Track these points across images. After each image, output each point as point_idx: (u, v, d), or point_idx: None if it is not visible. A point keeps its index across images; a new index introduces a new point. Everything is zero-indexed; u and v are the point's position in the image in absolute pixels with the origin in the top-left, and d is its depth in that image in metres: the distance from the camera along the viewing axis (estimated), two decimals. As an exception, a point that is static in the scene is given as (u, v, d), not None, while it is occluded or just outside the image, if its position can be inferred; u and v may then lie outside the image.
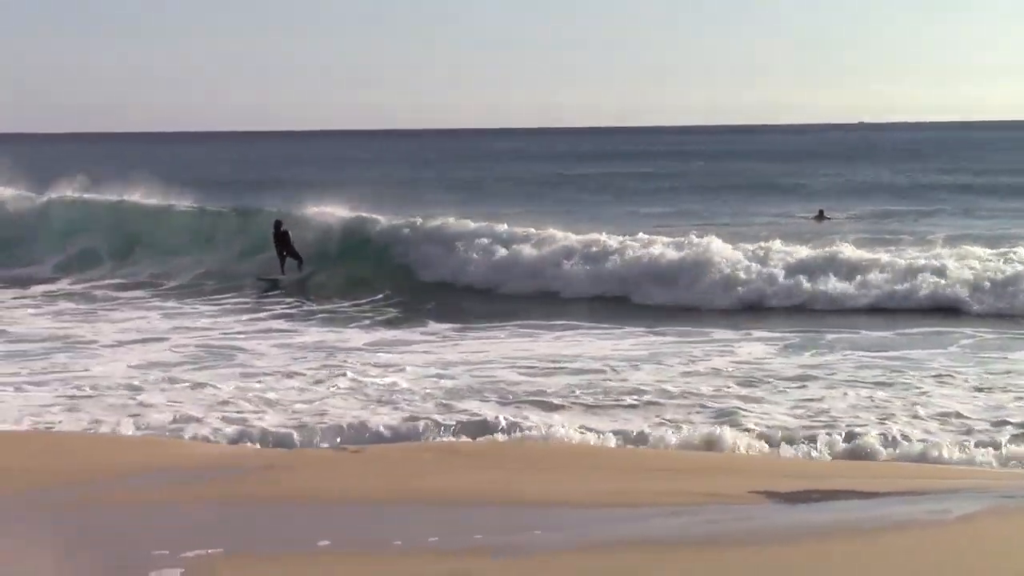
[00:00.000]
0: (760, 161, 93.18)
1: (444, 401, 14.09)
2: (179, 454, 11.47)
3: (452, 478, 10.40)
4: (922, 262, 23.29)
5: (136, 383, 15.07)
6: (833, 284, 22.49)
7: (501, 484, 10.20)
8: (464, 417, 13.29)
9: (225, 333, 19.93)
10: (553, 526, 8.78)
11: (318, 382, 15.34)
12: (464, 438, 12.40)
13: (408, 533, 8.70)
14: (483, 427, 12.83)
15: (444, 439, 12.27)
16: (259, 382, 15.29)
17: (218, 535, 8.61)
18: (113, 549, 8.42)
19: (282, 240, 27.24)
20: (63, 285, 27.00)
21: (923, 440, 12.17)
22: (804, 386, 14.77)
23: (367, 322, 21.38)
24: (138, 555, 8.07)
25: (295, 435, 12.40)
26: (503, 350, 17.92)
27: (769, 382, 15.09)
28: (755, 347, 17.87)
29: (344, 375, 15.48)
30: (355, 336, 19.69)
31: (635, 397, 14.30)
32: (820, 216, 40.70)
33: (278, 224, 27.68)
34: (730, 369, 16.09)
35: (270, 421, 13.11)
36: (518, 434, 12.51)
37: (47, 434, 12.49)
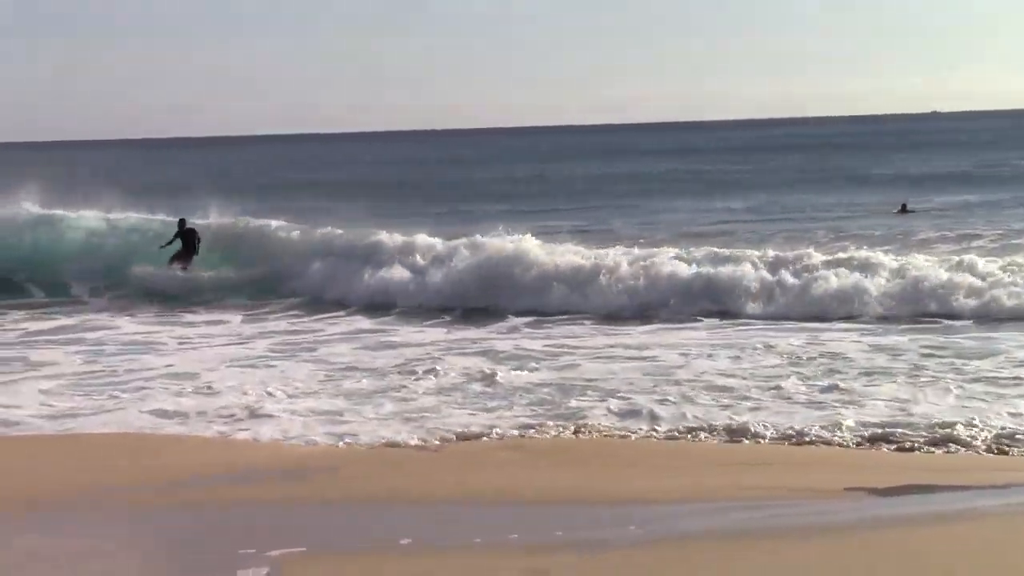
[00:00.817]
0: (831, 152, 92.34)
1: (529, 397, 13.96)
2: (263, 454, 11.57)
3: (530, 475, 10.41)
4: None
5: (217, 384, 15.03)
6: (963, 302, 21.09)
7: (579, 481, 10.20)
8: (552, 412, 13.21)
9: (294, 336, 19.87)
10: (633, 522, 8.77)
11: (402, 377, 15.33)
12: (544, 434, 12.25)
13: (488, 531, 8.72)
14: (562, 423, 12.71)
15: (522, 435, 12.12)
16: (334, 380, 15.19)
17: (301, 534, 8.66)
18: (201, 548, 8.59)
19: (187, 237, 27.63)
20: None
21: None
22: (896, 381, 14.47)
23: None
24: (225, 554, 8.17)
25: (377, 434, 12.30)
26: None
27: (860, 376, 14.79)
28: (845, 343, 17.57)
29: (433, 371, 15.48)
30: (425, 334, 19.63)
31: (716, 390, 14.09)
32: (903, 210, 39.87)
33: (182, 222, 27.98)
34: (816, 362, 15.80)
35: (353, 419, 13.04)
36: (590, 430, 12.37)
37: (134, 436, 12.57)
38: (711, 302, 21.30)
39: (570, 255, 23.86)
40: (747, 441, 11.92)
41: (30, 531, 8.89)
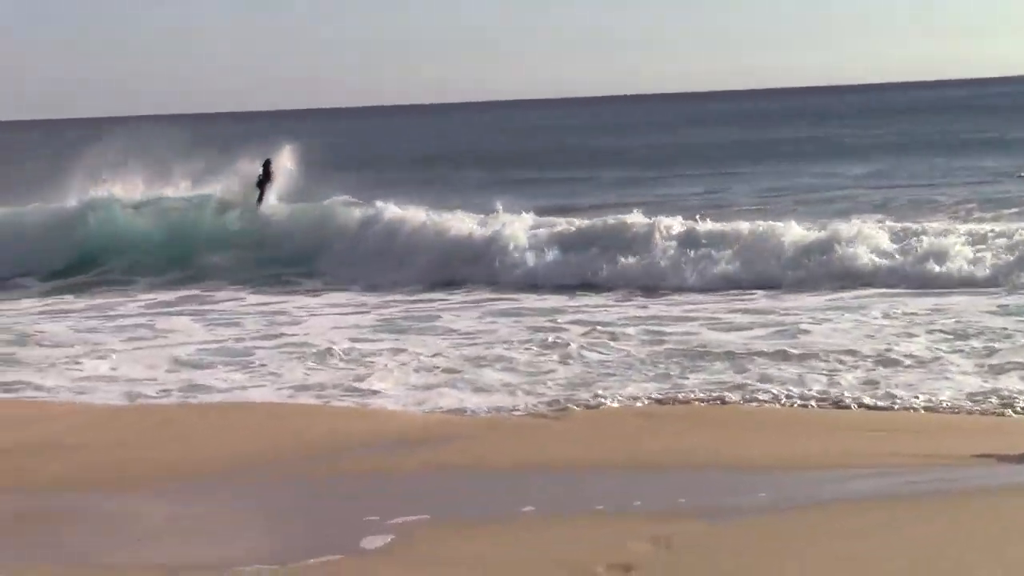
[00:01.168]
0: (946, 117, 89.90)
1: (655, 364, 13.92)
2: (387, 423, 11.61)
3: (653, 442, 10.37)
4: None
5: (342, 354, 15.19)
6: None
7: (706, 448, 10.12)
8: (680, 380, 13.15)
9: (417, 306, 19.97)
10: (760, 489, 8.70)
11: (527, 346, 15.35)
12: (668, 402, 12.20)
13: (611, 498, 8.70)
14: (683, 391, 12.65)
15: (647, 403, 12.07)
16: (458, 349, 15.26)
17: (424, 502, 8.73)
18: (326, 516, 8.66)
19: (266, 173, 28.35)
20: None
21: None
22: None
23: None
24: (350, 522, 8.23)
25: (501, 402, 12.33)
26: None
27: (993, 342, 14.51)
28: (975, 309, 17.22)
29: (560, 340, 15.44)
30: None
31: (844, 355, 13.91)
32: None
33: (268, 163, 28.57)
34: (946, 328, 15.53)
35: (477, 388, 13.11)
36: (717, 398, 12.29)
37: (261, 405, 12.73)
38: (833, 268, 20.96)
39: (677, 225, 23.60)
40: (878, 408, 11.75)
41: (167, 499, 9.07)
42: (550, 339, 15.50)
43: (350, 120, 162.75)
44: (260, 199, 28.25)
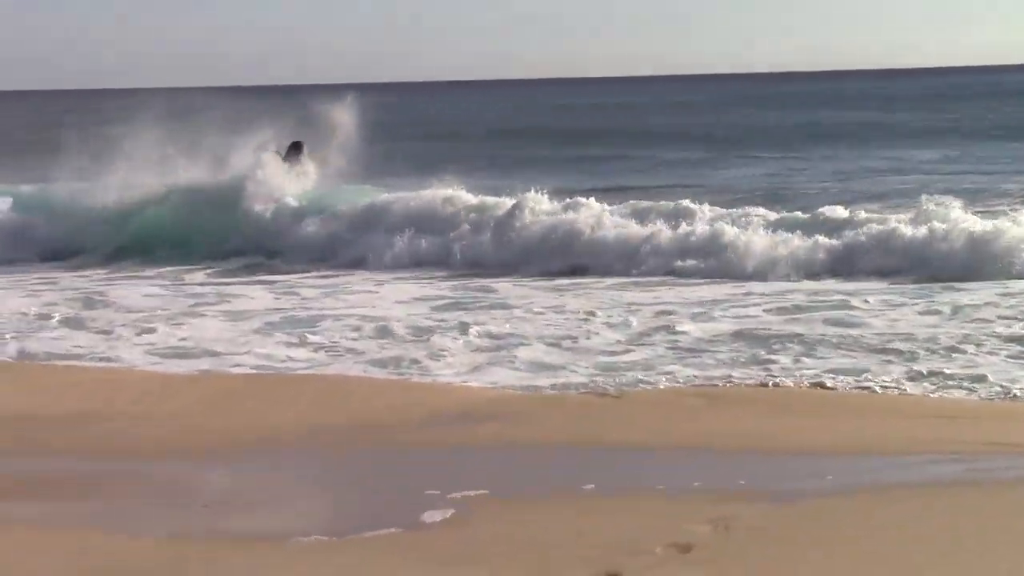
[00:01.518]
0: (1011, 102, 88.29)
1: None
2: (449, 397, 11.68)
3: (712, 423, 10.34)
4: None
5: (406, 327, 15.27)
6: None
7: (768, 431, 10.08)
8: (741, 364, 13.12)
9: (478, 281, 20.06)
10: (823, 472, 8.67)
11: (587, 324, 15.38)
12: (731, 383, 12.19)
13: (671, 478, 8.71)
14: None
15: (709, 384, 12.07)
16: (522, 325, 15.28)
17: (484, 477, 8.77)
18: (387, 489, 8.73)
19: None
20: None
21: None
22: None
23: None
24: (411, 495, 8.28)
25: (563, 379, 12.35)
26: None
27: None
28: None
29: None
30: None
31: (910, 342, 13.84)
32: None
33: (297, 145, 26.87)
34: (1012, 316, 15.39)
35: (539, 364, 13.15)
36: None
37: (325, 377, 12.82)
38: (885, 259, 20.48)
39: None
40: (945, 394, 11.68)
41: (231, 468, 9.18)
42: (616, 319, 15.52)
43: (399, 95, 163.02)
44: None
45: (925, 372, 12.42)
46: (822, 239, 21.06)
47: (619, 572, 6.64)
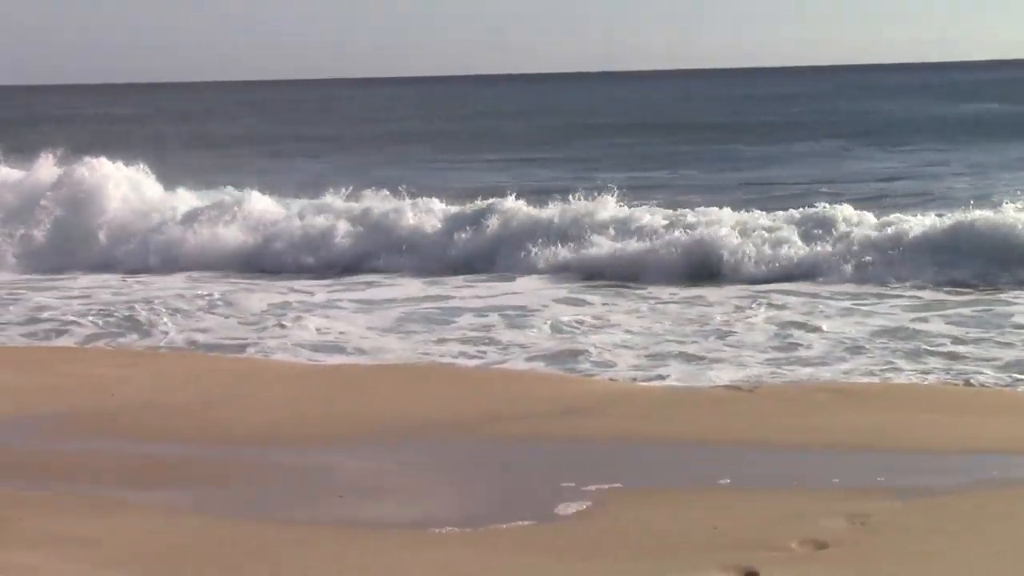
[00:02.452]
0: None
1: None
2: (584, 390, 11.66)
3: (852, 420, 10.19)
4: None
5: (544, 321, 15.30)
6: None
7: (905, 428, 9.93)
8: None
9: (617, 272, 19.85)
10: (956, 469, 8.58)
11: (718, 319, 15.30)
12: (863, 378, 12.04)
13: (807, 473, 8.67)
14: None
15: (842, 380, 11.93)
16: (656, 320, 15.22)
17: (617, 471, 8.74)
18: (519, 481, 8.77)
19: None
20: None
21: None
22: None
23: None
24: (545, 488, 8.32)
25: (695, 375, 12.29)
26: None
27: None
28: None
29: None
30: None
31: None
32: None
33: None
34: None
35: (673, 360, 13.07)
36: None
37: (458, 368, 12.92)
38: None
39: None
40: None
41: (364, 458, 9.25)
42: (750, 316, 15.39)
43: (528, 86, 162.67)
44: None
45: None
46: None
47: (754, 568, 6.61)
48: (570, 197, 22.37)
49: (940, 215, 21.19)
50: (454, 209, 22.71)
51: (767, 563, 6.68)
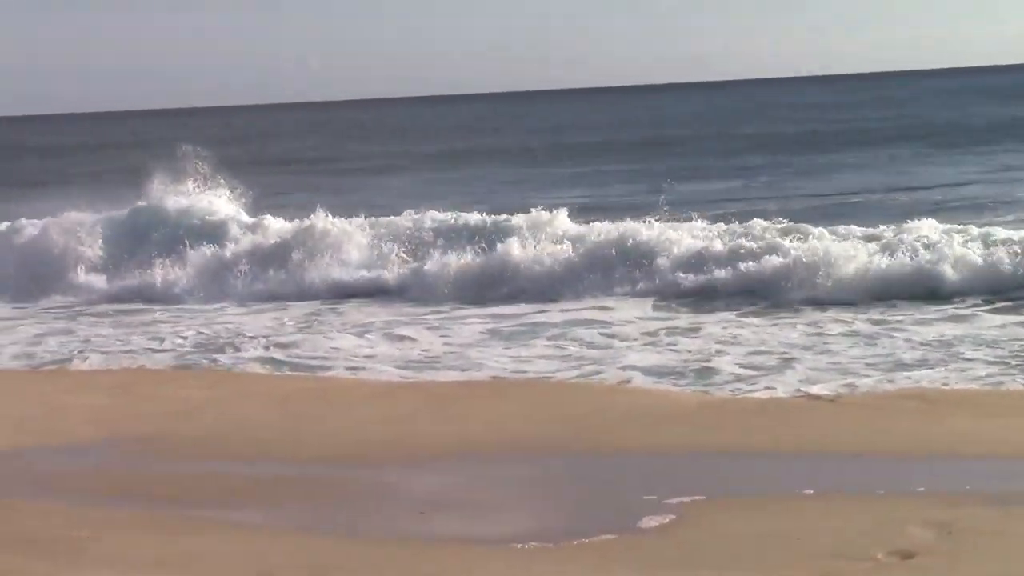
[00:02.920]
0: None
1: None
2: (663, 402, 11.63)
3: (938, 428, 10.11)
4: None
5: (626, 335, 15.28)
6: None
7: (982, 432, 9.85)
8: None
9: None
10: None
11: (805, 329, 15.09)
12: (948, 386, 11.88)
13: (891, 483, 8.56)
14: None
15: (919, 386, 11.79)
16: (741, 332, 15.13)
17: (699, 483, 8.75)
18: (601, 495, 8.73)
19: None
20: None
21: None
22: None
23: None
24: (626, 501, 8.34)
25: (778, 384, 12.19)
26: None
27: None
28: None
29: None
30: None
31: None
32: None
33: None
34: None
35: (759, 370, 12.94)
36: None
37: (541, 383, 12.89)
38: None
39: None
40: None
41: (445, 474, 9.31)
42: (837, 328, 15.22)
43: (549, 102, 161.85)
44: None
45: None
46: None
47: (840, 578, 6.57)
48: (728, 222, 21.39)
49: None
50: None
51: (852, 573, 6.63)
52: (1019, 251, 18.31)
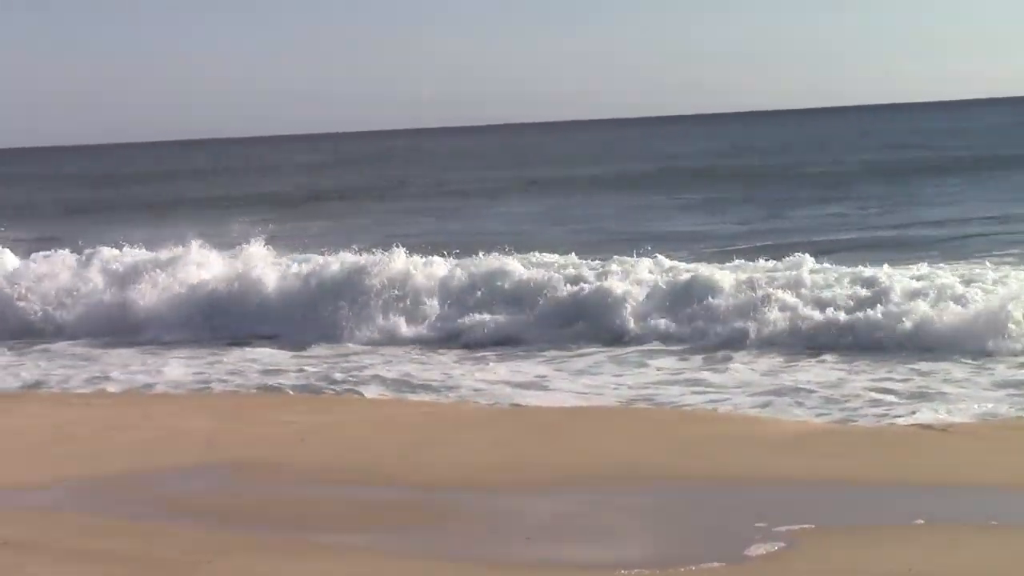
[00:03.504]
0: None
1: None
2: (767, 430, 11.57)
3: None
4: None
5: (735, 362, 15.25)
6: None
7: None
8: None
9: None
10: None
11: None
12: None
13: (1004, 513, 8.48)
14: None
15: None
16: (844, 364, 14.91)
17: (808, 510, 8.69)
18: (707, 522, 8.70)
19: None
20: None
21: None
22: None
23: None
24: (733, 529, 8.31)
25: (884, 412, 12.05)
26: None
27: None
28: None
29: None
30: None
31: None
32: None
33: None
34: None
35: (858, 398, 12.87)
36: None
37: (643, 410, 12.91)
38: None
39: None
40: None
41: (550, 500, 9.34)
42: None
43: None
44: None
45: None
46: None
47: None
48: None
49: None
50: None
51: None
52: None
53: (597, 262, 21.02)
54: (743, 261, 20.79)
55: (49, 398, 14.66)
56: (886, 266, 18.76)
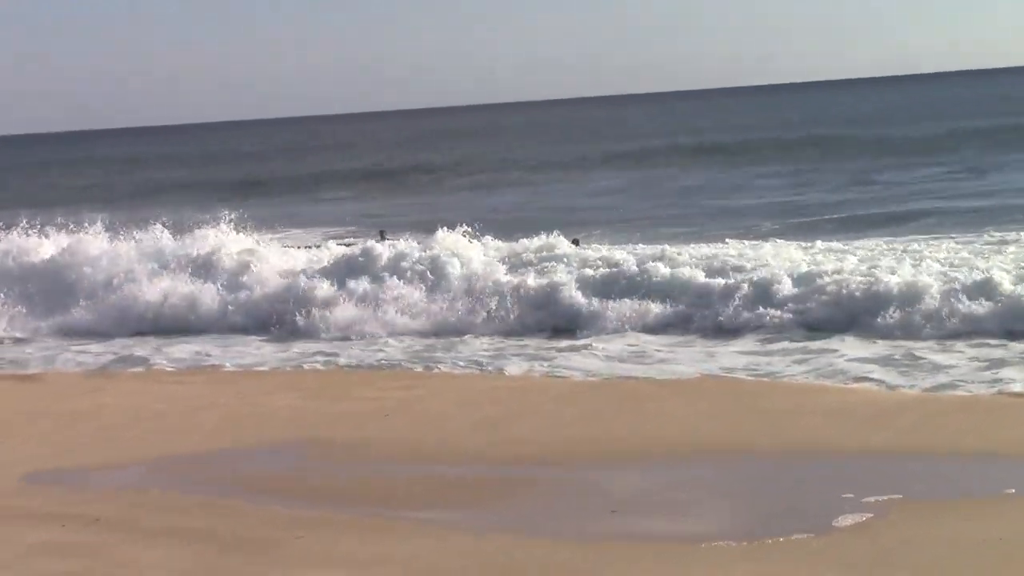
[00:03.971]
0: None
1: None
2: (854, 400, 11.44)
3: None
4: None
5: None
6: None
7: None
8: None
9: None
10: None
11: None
12: None
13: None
14: None
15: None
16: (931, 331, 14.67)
17: (896, 482, 8.57)
18: (794, 493, 8.63)
19: None
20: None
21: None
22: None
23: None
24: (823, 500, 8.23)
25: (966, 384, 11.85)
26: None
27: None
28: None
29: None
30: None
31: None
32: None
33: None
34: None
35: (943, 369, 12.62)
36: None
37: (723, 380, 12.78)
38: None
39: None
40: None
41: (636, 473, 9.31)
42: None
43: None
44: None
45: None
46: None
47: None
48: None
49: None
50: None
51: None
52: None
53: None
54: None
55: (143, 376, 14.84)
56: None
